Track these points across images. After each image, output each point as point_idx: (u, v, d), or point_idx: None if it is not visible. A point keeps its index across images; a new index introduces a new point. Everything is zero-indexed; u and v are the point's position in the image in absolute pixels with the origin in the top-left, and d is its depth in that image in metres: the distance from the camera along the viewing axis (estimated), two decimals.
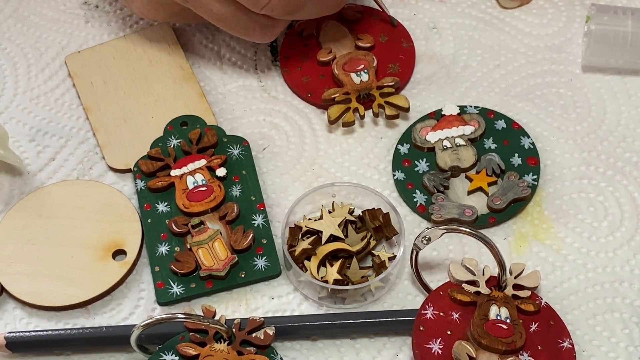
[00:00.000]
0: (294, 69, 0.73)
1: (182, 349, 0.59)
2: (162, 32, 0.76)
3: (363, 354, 0.62)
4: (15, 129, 0.72)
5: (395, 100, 0.70)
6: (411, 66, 0.73)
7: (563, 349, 0.59)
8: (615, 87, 0.72)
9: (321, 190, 0.66)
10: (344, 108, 0.70)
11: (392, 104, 0.70)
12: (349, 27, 0.75)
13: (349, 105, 0.71)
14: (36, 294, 0.64)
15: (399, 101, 0.70)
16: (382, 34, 0.74)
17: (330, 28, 0.75)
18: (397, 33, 0.74)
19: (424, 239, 0.61)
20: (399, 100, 0.70)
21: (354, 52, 0.73)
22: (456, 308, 0.60)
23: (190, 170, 0.68)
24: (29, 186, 0.69)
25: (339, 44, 0.74)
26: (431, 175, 0.67)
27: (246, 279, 0.64)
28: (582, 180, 0.68)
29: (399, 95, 0.71)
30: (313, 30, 0.75)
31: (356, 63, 0.72)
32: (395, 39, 0.74)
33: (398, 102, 0.70)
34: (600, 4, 0.73)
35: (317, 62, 0.73)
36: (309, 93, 0.72)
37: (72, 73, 0.74)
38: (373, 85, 0.71)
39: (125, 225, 0.66)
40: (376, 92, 0.71)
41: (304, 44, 0.75)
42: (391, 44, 0.74)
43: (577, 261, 0.65)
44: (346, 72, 0.72)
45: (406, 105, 0.70)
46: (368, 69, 0.72)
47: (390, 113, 0.70)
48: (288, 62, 0.74)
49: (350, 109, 0.70)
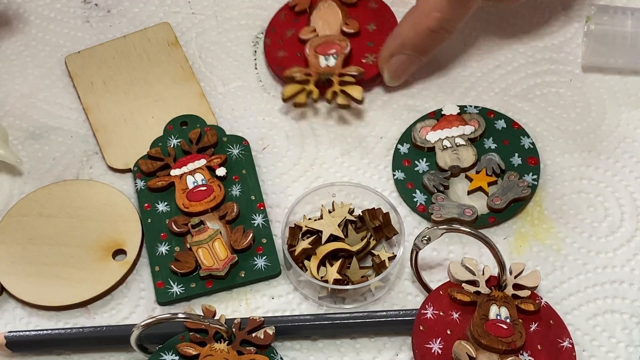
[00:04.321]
0: (275, 42, 0.73)
1: (182, 349, 0.59)
2: (162, 32, 0.76)
3: (363, 354, 0.62)
4: (15, 129, 0.72)
5: (349, 90, 0.70)
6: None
7: (563, 349, 0.59)
8: (615, 87, 0.72)
9: (321, 190, 0.66)
10: (299, 89, 0.70)
11: (347, 93, 0.70)
12: (345, 11, 0.74)
13: (305, 87, 0.70)
14: (36, 293, 0.64)
15: (353, 91, 0.69)
16: (373, 22, 0.74)
17: (325, 7, 0.74)
18: (389, 25, 0.73)
19: (423, 239, 0.61)
20: (353, 90, 0.69)
21: (333, 36, 0.72)
22: (456, 308, 0.60)
23: (190, 170, 0.68)
24: (29, 186, 0.69)
25: (327, 25, 0.73)
26: (431, 175, 0.67)
27: (246, 279, 0.64)
28: (582, 180, 0.68)
29: (355, 86, 0.70)
30: (306, 7, 0.74)
31: (329, 47, 0.72)
32: (385, 30, 0.73)
33: (352, 92, 0.69)
34: (600, 3, 0.73)
35: (298, 39, 0.73)
36: (279, 67, 0.72)
37: (72, 73, 0.74)
38: (336, 71, 0.70)
39: (125, 225, 0.66)
40: (336, 78, 0.70)
41: (295, 19, 0.74)
42: (378, 35, 0.73)
43: (577, 261, 0.65)
44: (317, 53, 0.71)
45: (359, 97, 0.69)
46: (338, 55, 0.71)
47: (342, 102, 0.69)
48: (272, 34, 0.74)
49: (305, 90, 0.70)
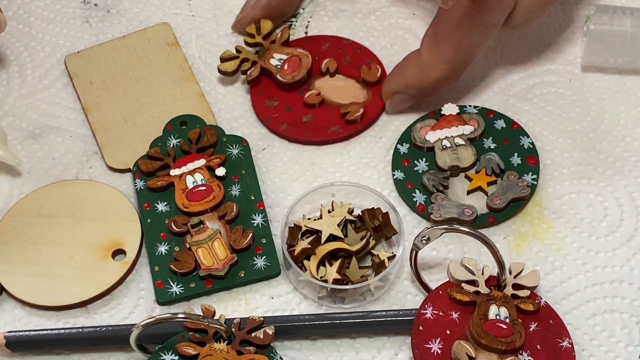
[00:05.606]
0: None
1: (182, 349, 0.59)
2: (162, 32, 0.76)
3: (363, 354, 0.62)
4: (14, 129, 0.72)
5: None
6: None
7: (562, 349, 0.59)
8: (614, 86, 0.72)
9: (320, 190, 0.66)
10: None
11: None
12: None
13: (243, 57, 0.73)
14: (36, 293, 0.64)
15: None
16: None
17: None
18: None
19: (423, 239, 0.61)
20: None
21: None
22: (455, 308, 0.60)
23: (189, 170, 0.68)
24: (29, 186, 0.69)
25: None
26: (431, 174, 0.67)
27: (245, 279, 0.64)
28: (581, 180, 0.68)
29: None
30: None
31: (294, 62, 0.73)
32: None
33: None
34: (600, 3, 0.73)
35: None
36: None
37: (71, 73, 0.74)
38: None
39: (125, 225, 0.66)
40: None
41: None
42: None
43: (577, 261, 0.65)
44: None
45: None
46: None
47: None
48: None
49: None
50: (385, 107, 0.71)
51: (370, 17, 0.77)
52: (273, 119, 0.71)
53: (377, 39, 0.76)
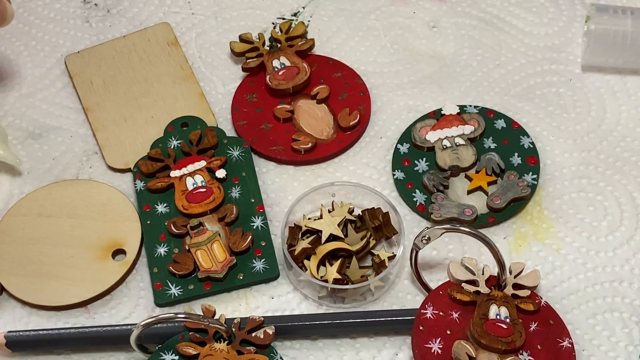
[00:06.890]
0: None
1: (182, 349, 0.59)
2: (162, 32, 0.76)
3: (363, 353, 0.62)
4: (15, 129, 0.72)
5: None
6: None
7: (563, 348, 0.59)
8: (615, 86, 0.72)
9: (321, 190, 0.66)
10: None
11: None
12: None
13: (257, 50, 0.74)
14: (36, 293, 0.64)
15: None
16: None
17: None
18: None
19: (423, 239, 0.61)
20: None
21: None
22: (456, 307, 0.60)
23: (190, 172, 0.68)
24: (29, 186, 0.69)
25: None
26: (431, 174, 0.67)
27: (244, 281, 0.64)
28: (581, 180, 0.68)
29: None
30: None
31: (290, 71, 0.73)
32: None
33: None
34: (600, 3, 0.73)
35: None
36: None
37: (72, 73, 0.74)
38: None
39: (125, 225, 0.66)
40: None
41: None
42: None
43: (577, 260, 0.65)
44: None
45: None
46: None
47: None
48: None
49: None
50: None
51: (370, 16, 0.77)
52: (240, 112, 0.71)
53: (377, 38, 0.76)
